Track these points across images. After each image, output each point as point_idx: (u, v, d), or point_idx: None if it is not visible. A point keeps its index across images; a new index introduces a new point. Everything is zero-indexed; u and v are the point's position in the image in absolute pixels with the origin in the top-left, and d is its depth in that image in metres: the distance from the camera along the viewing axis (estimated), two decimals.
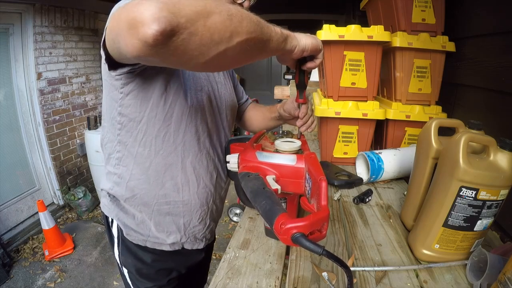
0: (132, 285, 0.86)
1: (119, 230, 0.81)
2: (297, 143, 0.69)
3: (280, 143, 0.69)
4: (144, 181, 0.75)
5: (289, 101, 0.88)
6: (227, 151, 0.88)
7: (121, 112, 0.69)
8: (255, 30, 0.47)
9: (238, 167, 0.69)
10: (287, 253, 0.75)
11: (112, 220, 0.82)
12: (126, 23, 0.38)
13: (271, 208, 0.48)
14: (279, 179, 0.63)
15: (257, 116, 1.07)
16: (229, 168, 0.70)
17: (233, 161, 0.69)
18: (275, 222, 0.45)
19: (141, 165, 0.73)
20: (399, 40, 1.17)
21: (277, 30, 0.55)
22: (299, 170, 0.64)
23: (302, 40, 0.63)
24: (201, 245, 0.90)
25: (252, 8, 0.84)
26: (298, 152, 0.69)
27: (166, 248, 0.82)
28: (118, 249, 0.84)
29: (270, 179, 0.61)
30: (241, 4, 0.73)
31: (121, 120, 0.70)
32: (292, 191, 0.65)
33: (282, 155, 0.66)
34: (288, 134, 0.82)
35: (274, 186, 0.59)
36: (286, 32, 0.58)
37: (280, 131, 0.80)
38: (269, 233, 0.79)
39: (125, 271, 0.85)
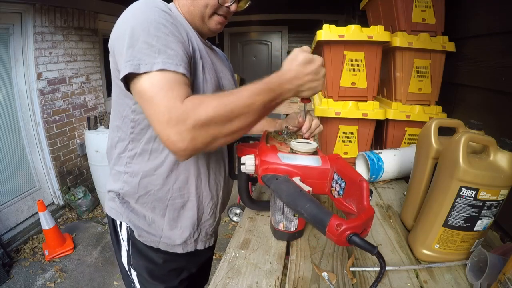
0: None
1: (129, 233, 0.80)
2: (314, 144, 0.70)
3: (296, 144, 0.69)
4: (158, 176, 0.75)
5: (291, 117, 0.88)
6: (231, 151, 0.88)
7: (135, 110, 0.70)
8: (254, 120, 0.59)
9: (256, 169, 0.68)
10: (287, 253, 0.75)
11: (120, 223, 0.81)
12: (164, 138, 0.53)
13: (319, 211, 0.49)
14: (303, 180, 0.63)
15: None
16: (243, 170, 0.70)
17: (249, 163, 0.68)
18: (328, 225, 0.46)
19: (156, 160, 0.74)
20: (399, 40, 1.17)
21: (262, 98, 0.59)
22: (324, 171, 0.64)
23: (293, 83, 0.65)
24: (211, 242, 0.91)
25: (253, 8, 0.84)
26: (315, 153, 0.69)
27: (179, 250, 0.82)
28: (128, 252, 0.82)
29: (298, 181, 0.62)
30: (228, 7, 0.74)
31: (135, 118, 0.71)
32: (314, 192, 0.65)
33: (306, 157, 0.67)
34: (293, 134, 0.82)
35: (306, 188, 0.59)
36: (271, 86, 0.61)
37: (285, 131, 0.80)
38: (278, 234, 0.78)
39: (134, 274, 0.84)
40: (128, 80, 0.59)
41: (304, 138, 0.82)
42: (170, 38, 0.60)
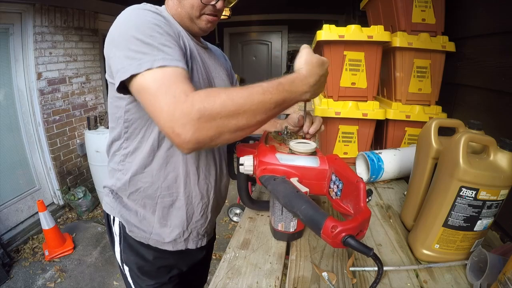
0: (133, 283, 0.87)
1: (121, 228, 0.82)
2: (313, 145, 0.69)
3: (295, 145, 0.69)
4: (148, 174, 0.77)
5: (292, 117, 0.88)
6: (230, 150, 0.88)
7: (128, 110, 0.71)
8: (262, 119, 0.57)
9: (255, 170, 0.68)
10: (287, 253, 0.75)
11: (113, 218, 0.83)
12: (169, 131, 0.52)
13: (314, 213, 0.49)
14: (301, 181, 0.63)
15: None
16: (242, 170, 0.70)
17: (248, 164, 0.68)
18: (323, 226, 0.45)
19: (146, 158, 0.75)
20: (399, 40, 1.17)
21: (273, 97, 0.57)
22: (322, 171, 0.64)
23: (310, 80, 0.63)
24: (204, 242, 0.91)
25: (253, 8, 0.84)
26: (313, 153, 0.69)
27: (169, 248, 0.83)
28: (120, 246, 0.84)
29: (295, 181, 0.61)
30: (214, 6, 0.74)
31: (128, 118, 0.72)
32: (312, 193, 0.65)
33: (304, 157, 0.66)
34: (293, 134, 0.82)
35: (304, 189, 0.59)
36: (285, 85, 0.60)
37: (285, 132, 0.80)
38: (278, 235, 0.78)
39: (126, 269, 0.86)
40: (125, 81, 0.59)
41: (304, 138, 0.81)
42: (165, 36, 0.61)
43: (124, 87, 0.61)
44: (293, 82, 0.60)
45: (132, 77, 0.57)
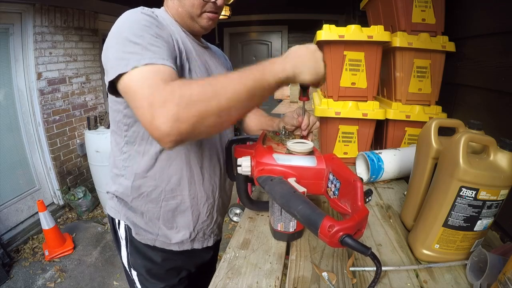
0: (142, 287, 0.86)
1: (127, 230, 0.81)
2: (310, 144, 0.70)
3: (293, 145, 0.69)
4: (150, 177, 0.76)
5: (288, 116, 0.89)
6: (229, 152, 0.88)
7: (127, 114, 0.71)
8: (244, 97, 0.55)
9: (252, 171, 0.68)
10: (287, 253, 0.75)
11: (118, 221, 0.82)
12: (148, 122, 0.50)
13: (312, 212, 0.49)
14: (299, 181, 0.63)
15: (255, 124, 1.04)
16: (240, 171, 0.69)
17: (245, 165, 0.68)
18: (320, 226, 0.45)
19: (148, 162, 0.75)
20: (399, 40, 1.17)
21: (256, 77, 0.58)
22: (320, 171, 0.64)
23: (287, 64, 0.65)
24: (210, 242, 0.90)
25: (253, 8, 0.85)
26: (311, 153, 0.69)
27: (175, 248, 0.83)
28: (127, 250, 0.83)
29: (293, 181, 0.61)
30: (214, 3, 0.74)
31: (127, 121, 0.72)
32: (310, 192, 0.65)
33: (301, 157, 0.66)
34: (291, 134, 0.82)
35: (301, 189, 0.59)
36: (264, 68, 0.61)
37: (283, 132, 0.80)
38: (277, 235, 0.78)
39: (134, 274, 0.85)
40: (116, 82, 0.59)
41: (302, 137, 0.82)
42: (155, 38, 0.61)
43: (115, 90, 0.60)
44: (270, 60, 0.63)
45: (120, 76, 0.56)
